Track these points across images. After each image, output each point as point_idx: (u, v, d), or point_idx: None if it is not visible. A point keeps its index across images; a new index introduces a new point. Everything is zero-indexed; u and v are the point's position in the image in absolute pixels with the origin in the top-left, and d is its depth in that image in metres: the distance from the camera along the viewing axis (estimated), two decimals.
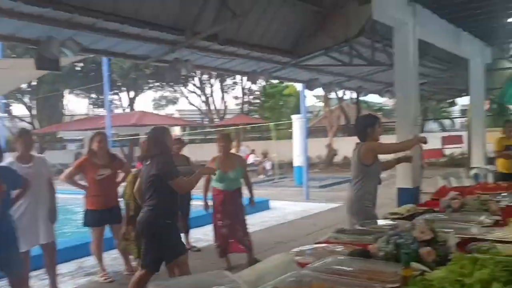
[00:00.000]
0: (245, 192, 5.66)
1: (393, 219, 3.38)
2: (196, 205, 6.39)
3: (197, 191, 6.32)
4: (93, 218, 5.18)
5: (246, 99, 30.18)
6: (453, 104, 17.75)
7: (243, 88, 28.66)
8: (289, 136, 15.40)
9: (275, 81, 26.51)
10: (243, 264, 5.21)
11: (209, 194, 5.66)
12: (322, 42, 7.81)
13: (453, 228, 2.72)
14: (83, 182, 5.27)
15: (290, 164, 15.77)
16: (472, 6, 7.00)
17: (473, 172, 8.21)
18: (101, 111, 29.18)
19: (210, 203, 5.64)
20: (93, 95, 29.04)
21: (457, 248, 2.34)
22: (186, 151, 6.83)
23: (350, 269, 2.10)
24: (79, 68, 25.40)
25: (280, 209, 9.82)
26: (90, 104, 31.50)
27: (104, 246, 5.42)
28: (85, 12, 5.04)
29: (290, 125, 15.44)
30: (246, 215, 5.64)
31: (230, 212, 5.43)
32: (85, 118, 27.42)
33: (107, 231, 5.39)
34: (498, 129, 7.79)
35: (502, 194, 3.98)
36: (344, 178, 15.46)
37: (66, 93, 28.80)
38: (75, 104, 48.30)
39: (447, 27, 7.73)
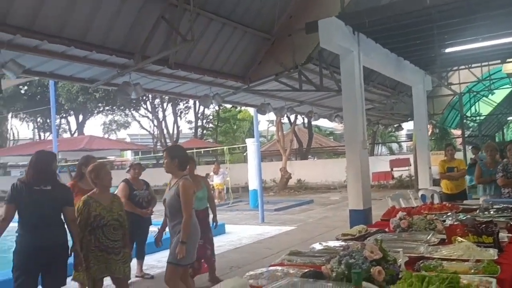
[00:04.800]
0: None
1: (345, 240, 3.42)
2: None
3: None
4: None
5: (199, 124, 30.04)
6: (399, 128, 18.54)
7: (196, 113, 28.53)
8: (243, 160, 15.41)
9: (228, 106, 26.66)
10: (206, 286, 5.09)
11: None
12: (272, 68, 7.98)
13: (402, 247, 2.80)
14: None
15: (244, 188, 15.72)
16: (411, 37, 7.39)
17: (420, 193, 8.53)
18: (47, 136, 27.98)
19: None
20: (39, 119, 27.93)
21: (406, 267, 2.39)
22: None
23: None
24: (23, 91, 24.40)
25: (236, 233, 9.69)
26: (35, 128, 30.21)
27: None
28: (29, 33, 4.89)
29: (244, 149, 15.48)
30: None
31: (202, 232, 5.41)
32: (30, 143, 26.17)
33: None
34: (441, 152, 8.18)
35: (447, 214, 4.14)
36: (298, 201, 15.62)
37: (9, 117, 27.54)
38: (20, 128, 46.09)
39: (390, 55, 8.12)
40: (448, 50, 7.92)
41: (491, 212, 4.02)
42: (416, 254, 2.66)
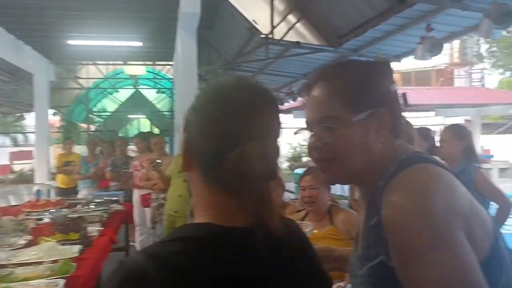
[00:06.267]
0: None
1: None
2: None
3: None
4: None
5: None
6: (22, 118, 17.15)
7: None
8: None
9: None
10: None
11: None
12: None
13: None
14: None
15: None
16: (33, 20, 6.86)
17: (35, 188, 8.04)
18: None
19: None
20: None
21: None
22: None
23: None
24: None
25: None
26: None
27: None
28: None
29: None
30: None
31: None
32: None
33: None
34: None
35: (50, 211, 3.96)
36: None
37: None
38: None
39: (7, 36, 7.28)
40: (71, 42, 7.83)
41: (91, 206, 4.13)
42: None
